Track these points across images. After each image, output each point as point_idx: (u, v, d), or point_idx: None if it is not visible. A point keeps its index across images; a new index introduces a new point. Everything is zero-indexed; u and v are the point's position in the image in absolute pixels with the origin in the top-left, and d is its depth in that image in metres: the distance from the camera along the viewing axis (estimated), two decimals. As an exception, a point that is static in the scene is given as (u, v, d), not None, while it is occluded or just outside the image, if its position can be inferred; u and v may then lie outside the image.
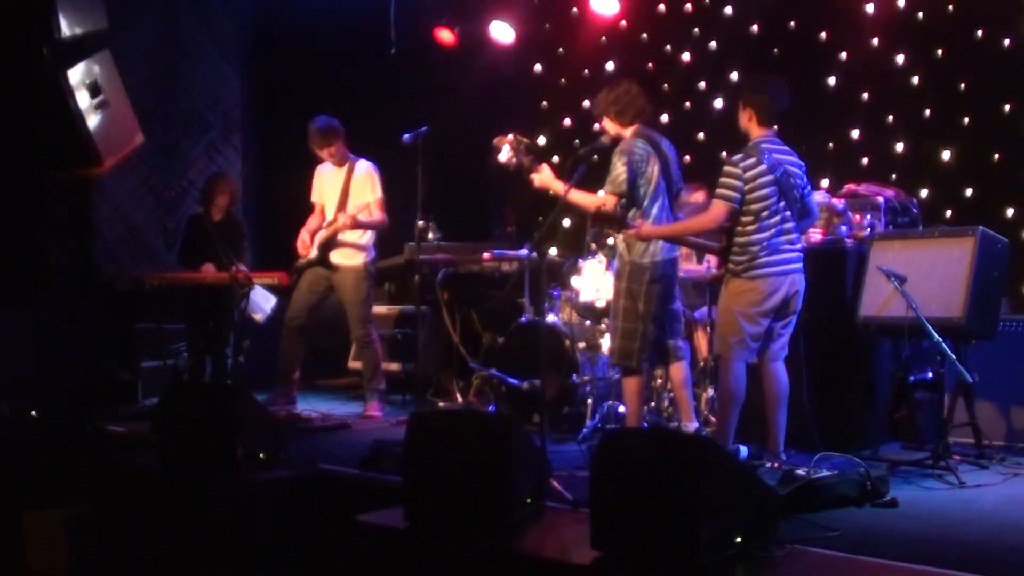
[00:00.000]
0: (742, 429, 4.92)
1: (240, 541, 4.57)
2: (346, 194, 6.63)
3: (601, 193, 5.13)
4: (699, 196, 6.22)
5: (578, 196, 5.11)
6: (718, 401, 4.96)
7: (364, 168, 6.70)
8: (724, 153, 7.48)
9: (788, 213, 4.77)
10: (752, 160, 4.72)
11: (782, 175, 4.73)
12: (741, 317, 4.72)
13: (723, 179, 4.76)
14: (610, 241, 5.79)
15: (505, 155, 5.18)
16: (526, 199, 6.67)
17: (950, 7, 7.03)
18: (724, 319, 4.83)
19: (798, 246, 4.85)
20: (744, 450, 4.94)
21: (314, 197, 6.82)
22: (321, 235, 6.63)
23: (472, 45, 8.73)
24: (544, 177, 5.20)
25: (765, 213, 4.72)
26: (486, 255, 7.31)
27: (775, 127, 4.89)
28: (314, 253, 6.63)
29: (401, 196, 6.80)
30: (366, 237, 6.69)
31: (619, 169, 5.02)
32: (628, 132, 5.18)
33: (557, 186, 5.17)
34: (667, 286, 5.12)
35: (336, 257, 6.64)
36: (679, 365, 5.24)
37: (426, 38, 8.63)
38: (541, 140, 9.28)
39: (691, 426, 5.16)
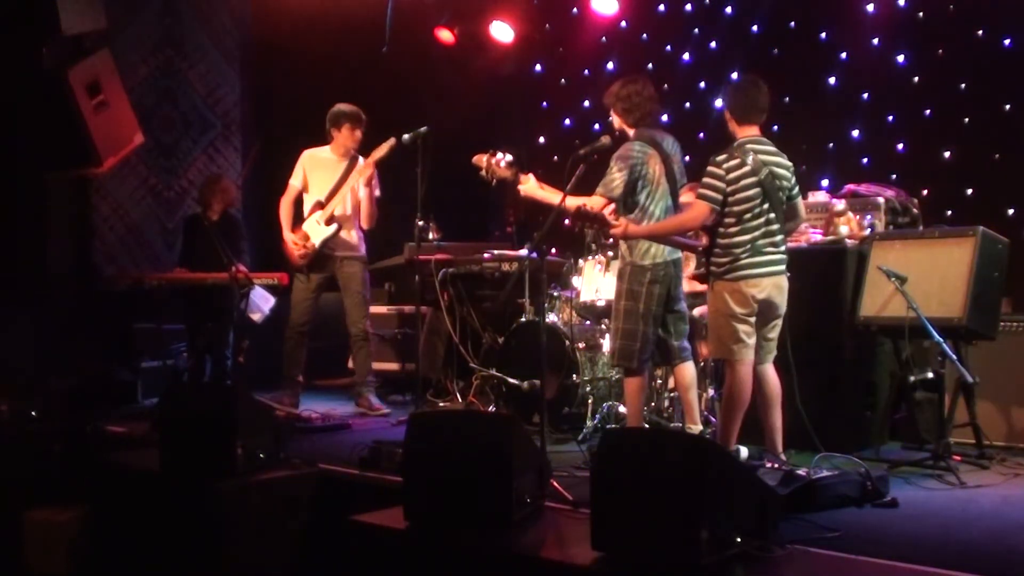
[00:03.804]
0: (742, 430, 4.91)
1: (240, 541, 4.56)
2: (345, 185, 6.62)
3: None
4: (693, 196, 6.23)
5: (558, 199, 5.09)
6: (722, 404, 4.92)
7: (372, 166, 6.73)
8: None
9: (772, 215, 4.71)
10: (736, 161, 4.68)
11: (766, 177, 4.67)
12: (731, 319, 4.70)
13: (706, 179, 4.71)
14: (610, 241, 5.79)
15: (484, 173, 5.17)
16: (526, 200, 6.68)
17: (950, 7, 7.04)
18: (716, 323, 4.79)
19: (782, 248, 4.78)
20: (744, 451, 4.93)
21: (297, 181, 6.74)
22: (323, 215, 6.60)
23: (472, 45, 8.74)
24: (529, 187, 5.17)
25: (748, 216, 4.67)
26: (486, 255, 7.31)
27: (758, 127, 4.83)
28: (321, 238, 6.58)
29: (401, 196, 6.80)
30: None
31: (614, 174, 4.99)
32: (631, 132, 5.17)
33: (542, 194, 5.16)
34: (668, 287, 5.11)
35: (341, 250, 6.66)
36: (685, 367, 5.21)
37: (426, 38, 8.64)
38: (541, 140, 9.31)
39: (695, 429, 5.14)
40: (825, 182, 6.99)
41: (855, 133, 7.38)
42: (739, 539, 3.27)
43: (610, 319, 5.40)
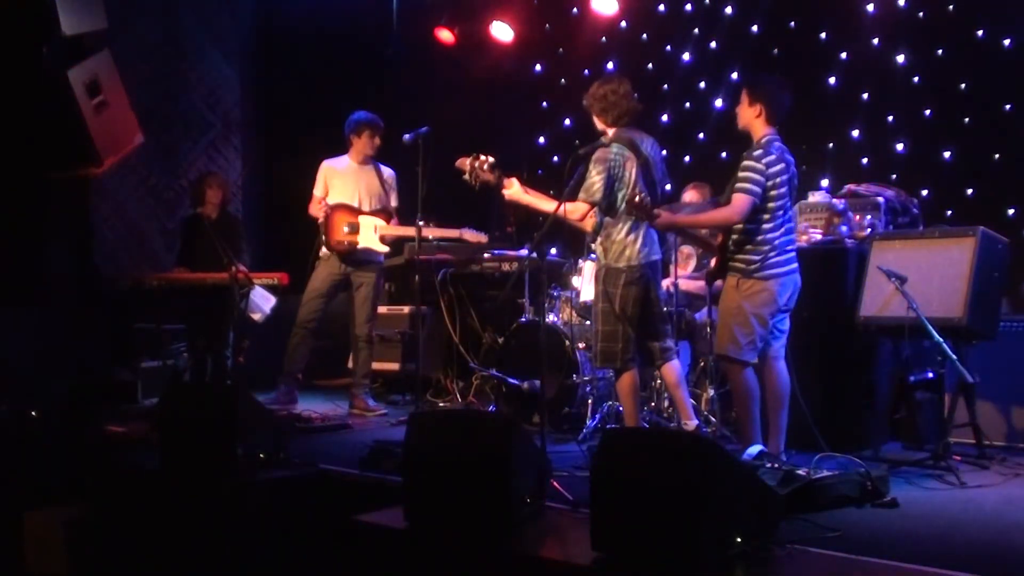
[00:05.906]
0: (741, 429, 4.91)
1: (240, 541, 4.56)
2: (383, 193, 6.74)
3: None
4: (694, 195, 6.23)
5: (542, 203, 5.10)
6: (737, 402, 4.89)
7: (392, 172, 6.85)
8: (724, 153, 7.51)
9: (792, 213, 4.85)
10: (772, 157, 4.72)
11: (792, 175, 4.78)
12: (754, 318, 4.70)
13: (745, 174, 4.70)
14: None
15: (467, 177, 5.16)
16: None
17: (950, 7, 7.04)
18: (736, 319, 4.75)
19: (794, 245, 4.89)
20: (761, 447, 4.90)
21: (319, 192, 6.77)
22: (386, 230, 6.65)
23: (472, 45, 8.74)
24: (514, 192, 5.16)
25: (781, 212, 4.74)
26: (486, 255, 7.31)
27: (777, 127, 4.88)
28: (367, 247, 6.64)
29: (401, 196, 6.82)
30: None
31: (594, 178, 4.99)
32: (610, 132, 5.16)
33: (527, 199, 5.15)
34: (645, 288, 5.11)
35: (363, 254, 6.73)
36: (669, 366, 5.21)
37: (426, 38, 8.64)
38: (541, 140, 9.31)
39: (691, 424, 5.15)
40: (825, 182, 6.98)
41: (855, 133, 7.37)
42: (739, 539, 3.27)
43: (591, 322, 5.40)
